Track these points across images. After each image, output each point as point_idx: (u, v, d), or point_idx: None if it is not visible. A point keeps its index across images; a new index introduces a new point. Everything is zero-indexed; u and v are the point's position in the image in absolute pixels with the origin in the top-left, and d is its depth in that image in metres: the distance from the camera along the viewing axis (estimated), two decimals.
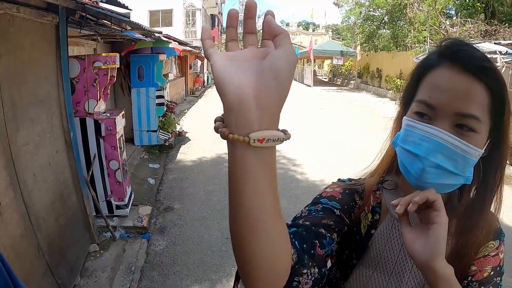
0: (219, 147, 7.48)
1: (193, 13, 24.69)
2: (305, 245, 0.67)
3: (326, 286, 0.81)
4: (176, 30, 22.90)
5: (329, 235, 0.74)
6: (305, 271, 0.63)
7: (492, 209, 0.76)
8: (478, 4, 14.80)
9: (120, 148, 3.91)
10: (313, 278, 0.65)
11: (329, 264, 0.72)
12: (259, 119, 0.43)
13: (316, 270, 0.66)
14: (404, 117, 0.72)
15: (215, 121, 0.51)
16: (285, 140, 0.47)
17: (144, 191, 5.19)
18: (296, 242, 0.67)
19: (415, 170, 0.68)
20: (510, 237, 4.01)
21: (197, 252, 3.68)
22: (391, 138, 0.79)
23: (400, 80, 16.97)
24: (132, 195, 4.47)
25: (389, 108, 14.90)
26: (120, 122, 3.96)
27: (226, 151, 0.50)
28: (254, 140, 0.43)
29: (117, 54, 3.76)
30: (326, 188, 0.88)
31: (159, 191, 5.31)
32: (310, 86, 24.09)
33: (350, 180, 0.92)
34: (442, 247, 0.60)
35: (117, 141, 3.83)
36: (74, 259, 3.15)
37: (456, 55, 0.67)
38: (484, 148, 0.68)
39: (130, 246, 3.71)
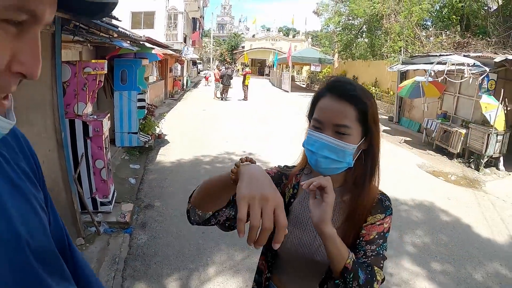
0: (197, 150, 7.84)
1: (175, 16, 24.86)
2: None
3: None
4: (158, 32, 23.00)
5: None
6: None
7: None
8: (454, 16, 15.36)
9: (105, 148, 4.20)
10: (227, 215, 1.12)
11: None
12: None
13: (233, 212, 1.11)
14: (307, 129, 1.16)
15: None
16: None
17: (125, 190, 5.47)
18: None
19: (313, 160, 1.12)
20: (464, 229, 4.68)
21: (176, 244, 4.00)
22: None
23: (375, 88, 17.58)
24: (115, 193, 4.75)
25: None
26: (106, 124, 4.25)
27: (203, 153, 0.90)
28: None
29: (106, 61, 4.06)
30: (268, 168, 1.32)
31: (140, 190, 5.59)
32: (287, 91, 24.60)
33: (286, 166, 1.35)
34: (328, 216, 0.98)
35: (103, 141, 4.12)
36: None
37: (335, 88, 1.11)
38: (359, 143, 1.11)
39: (114, 239, 3.99)
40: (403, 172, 7.23)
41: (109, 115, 4.44)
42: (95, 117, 4.12)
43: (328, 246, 0.99)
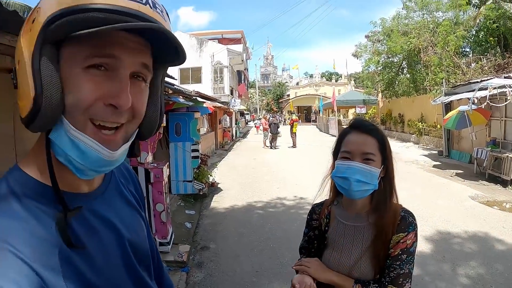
0: (249, 196, 8.08)
1: (220, 70, 26.13)
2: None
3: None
4: (205, 86, 24.32)
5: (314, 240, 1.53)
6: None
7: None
8: (491, 38, 15.06)
9: (165, 193, 4.59)
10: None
11: None
12: None
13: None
14: (336, 161, 1.40)
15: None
16: None
17: (182, 233, 5.78)
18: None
19: (346, 185, 1.33)
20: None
21: (231, 282, 4.17)
22: (329, 175, 1.47)
23: (421, 123, 17.17)
24: (173, 235, 5.07)
25: (412, 152, 15.12)
26: (165, 172, 4.67)
27: (255, 199, 1.11)
28: None
29: (164, 115, 4.54)
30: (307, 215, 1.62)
31: (195, 233, 5.88)
32: (335, 135, 24.59)
33: (316, 204, 1.62)
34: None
35: (163, 187, 4.52)
36: None
37: (358, 125, 1.41)
38: (381, 170, 1.35)
39: (172, 277, 4.23)
40: (456, 205, 6.99)
41: (168, 163, 4.87)
42: (156, 165, 4.56)
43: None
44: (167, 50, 0.66)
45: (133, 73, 0.64)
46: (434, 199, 7.46)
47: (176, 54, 0.67)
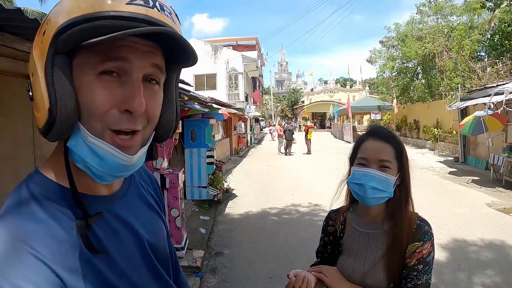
0: (264, 203, 8.10)
1: (235, 77, 26.24)
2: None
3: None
4: (220, 92, 24.48)
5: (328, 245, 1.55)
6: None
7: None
8: (506, 42, 14.82)
9: (180, 199, 4.65)
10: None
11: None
12: None
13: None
14: (352, 167, 1.41)
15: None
16: None
17: (196, 238, 5.83)
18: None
19: (362, 192, 1.34)
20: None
21: None
22: (345, 181, 1.47)
23: (437, 129, 16.92)
24: (187, 240, 5.12)
25: (428, 159, 14.90)
26: (181, 177, 4.74)
27: (270, 206, 1.12)
28: None
29: (180, 121, 4.62)
30: (324, 221, 1.63)
31: (210, 239, 5.92)
32: (350, 142, 24.48)
33: (334, 210, 1.63)
34: None
35: (178, 192, 4.58)
36: None
37: (375, 132, 1.41)
38: (397, 178, 1.34)
39: None
40: (472, 212, 6.88)
41: (183, 169, 4.94)
42: (171, 170, 4.63)
43: None
44: (178, 51, 0.68)
45: (145, 76, 0.65)
46: (450, 206, 7.36)
47: (186, 55, 0.69)
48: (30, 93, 0.66)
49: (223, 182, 9.11)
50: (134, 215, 0.79)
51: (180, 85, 5.00)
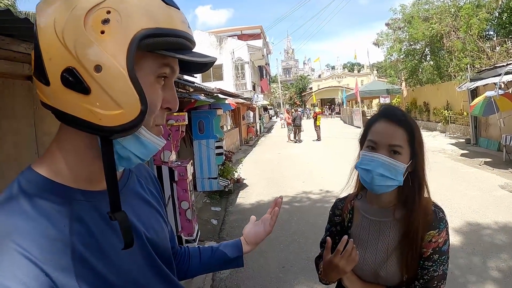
0: (275, 191, 8.08)
1: (242, 66, 26.21)
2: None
3: None
4: (227, 83, 24.43)
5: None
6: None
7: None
8: None
9: (190, 191, 4.65)
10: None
11: None
12: None
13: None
14: (361, 151, 1.30)
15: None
16: None
17: (208, 230, 5.86)
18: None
19: (369, 178, 1.23)
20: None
21: (257, 278, 4.20)
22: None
23: (447, 111, 16.66)
24: (199, 232, 5.13)
25: (439, 141, 14.72)
26: (189, 170, 4.73)
27: (281, 194, 1.06)
28: None
29: (185, 113, 4.61)
30: (330, 210, 1.54)
31: (221, 230, 5.94)
32: (359, 127, 24.28)
33: (341, 198, 1.53)
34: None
35: (187, 185, 4.58)
36: None
37: (388, 114, 1.28)
38: (408, 164, 1.23)
39: None
40: (484, 195, 6.77)
41: (191, 161, 4.93)
42: (179, 163, 4.62)
43: None
44: (199, 65, 0.75)
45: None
46: (463, 189, 7.26)
47: (205, 69, 0.77)
48: (85, 85, 0.59)
49: (233, 172, 9.12)
50: (131, 211, 0.78)
51: (185, 77, 4.98)
